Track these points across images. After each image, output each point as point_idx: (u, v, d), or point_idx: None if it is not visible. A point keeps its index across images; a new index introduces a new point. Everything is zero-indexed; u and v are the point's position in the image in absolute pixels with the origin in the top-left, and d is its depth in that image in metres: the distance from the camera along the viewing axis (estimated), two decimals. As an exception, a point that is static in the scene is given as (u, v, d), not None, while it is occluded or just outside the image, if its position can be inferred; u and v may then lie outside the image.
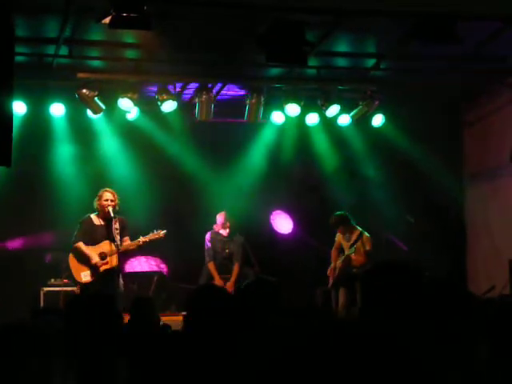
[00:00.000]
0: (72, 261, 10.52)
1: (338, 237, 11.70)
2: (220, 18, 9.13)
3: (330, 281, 11.72)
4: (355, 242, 11.39)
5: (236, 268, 11.73)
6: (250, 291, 4.78)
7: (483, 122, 12.75)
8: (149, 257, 12.61)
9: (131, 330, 6.40)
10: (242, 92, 12.10)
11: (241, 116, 12.00)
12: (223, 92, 12.11)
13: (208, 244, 11.81)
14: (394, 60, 11.41)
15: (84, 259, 10.44)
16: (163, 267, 12.71)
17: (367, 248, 11.33)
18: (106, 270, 10.37)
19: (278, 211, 13.34)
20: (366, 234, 11.47)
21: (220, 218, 11.85)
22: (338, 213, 11.60)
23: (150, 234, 10.69)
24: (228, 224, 11.79)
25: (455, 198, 13.29)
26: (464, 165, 13.43)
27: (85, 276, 10.39)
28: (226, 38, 9.90)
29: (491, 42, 10.08)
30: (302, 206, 13.01)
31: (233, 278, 11.63)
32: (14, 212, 11.99)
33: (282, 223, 13.38)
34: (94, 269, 10.41)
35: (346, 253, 11.43)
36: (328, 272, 11.75)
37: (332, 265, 11.75)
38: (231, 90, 12.16)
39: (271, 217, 13.33)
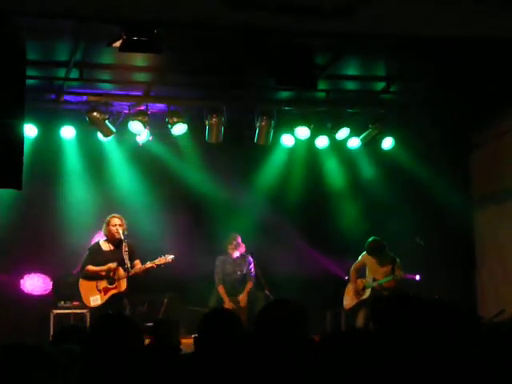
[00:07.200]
0: (82, 286, 10.53)
1: (367, 259, 11.53)
2: (230, 41, 9.16)
3: (349, 302, 11.63)
4: (393, 268, 11.24)
5: (249, 285, 11.83)
6: (269, 315, 4.44)
7: (492, 145, 12.70)
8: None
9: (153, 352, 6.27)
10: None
11: (251, 139, 12.01)
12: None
13: (217, 267, 11.85)
14: (403, 82, 11.42)
15: (94, 280, 10.43)
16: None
17: (400, 274, 11.18)
18: (114, 295, 10.38)
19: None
20: (397, 259, 11.35)
21: (233, 240, 11.89)
22: (377, 239, 11.38)
23: (158, 259, 10.60)
24: (239, 245, 11.84)
25: (464, 221, 13.21)
26: (473, 187, 13.37)
27: (94, 300, 10.38)
28: (236, 61, 9.95)
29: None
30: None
31: (245, 292, 11.81)
32: (26, 234, 11.99)
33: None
34: (107, 284, 10.39)
35: (382, 280, 11.32)
36: (346, 292, 11.70)
37: (351, 286, 11.69)
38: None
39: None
